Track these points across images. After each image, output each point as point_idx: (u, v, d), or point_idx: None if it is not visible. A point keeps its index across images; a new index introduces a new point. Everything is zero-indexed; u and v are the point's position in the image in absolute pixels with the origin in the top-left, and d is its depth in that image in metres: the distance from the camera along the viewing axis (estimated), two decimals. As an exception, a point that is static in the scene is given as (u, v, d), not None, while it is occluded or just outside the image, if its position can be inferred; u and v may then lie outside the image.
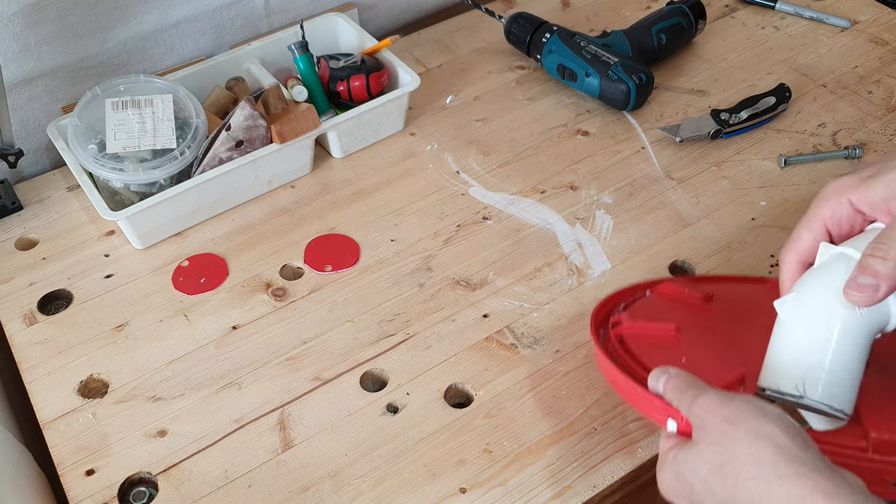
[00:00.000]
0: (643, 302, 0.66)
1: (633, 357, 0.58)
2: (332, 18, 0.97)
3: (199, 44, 0.96)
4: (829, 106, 0.94)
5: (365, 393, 0.69)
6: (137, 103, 0.81)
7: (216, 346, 0.73)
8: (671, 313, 0.63)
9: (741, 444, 0.43)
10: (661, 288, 0.68)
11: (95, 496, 0.63)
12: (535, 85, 0.99)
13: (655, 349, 0.58)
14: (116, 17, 0.88)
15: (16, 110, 0.87)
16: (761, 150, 0.89)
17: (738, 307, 0.65)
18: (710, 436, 0.45)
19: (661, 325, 0.61)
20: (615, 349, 0.60)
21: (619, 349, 0.59)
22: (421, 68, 1.02)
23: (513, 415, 0.67)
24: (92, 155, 0.79)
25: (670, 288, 0.67)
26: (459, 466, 0.64)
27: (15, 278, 0.80)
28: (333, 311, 0.75)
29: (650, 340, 0.59)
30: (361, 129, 0.90)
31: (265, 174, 0.85)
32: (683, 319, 0.62)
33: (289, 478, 0.63)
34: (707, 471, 0.44)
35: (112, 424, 0.67)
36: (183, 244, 0.82)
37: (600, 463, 0.63)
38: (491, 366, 0.70)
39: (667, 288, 0.67)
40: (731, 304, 0.65)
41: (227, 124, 0.80)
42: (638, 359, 0.57)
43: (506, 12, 1.04)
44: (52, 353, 0.73)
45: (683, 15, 0.98)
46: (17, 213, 0.86)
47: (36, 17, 0.82)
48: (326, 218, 0.84)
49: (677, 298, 0.66)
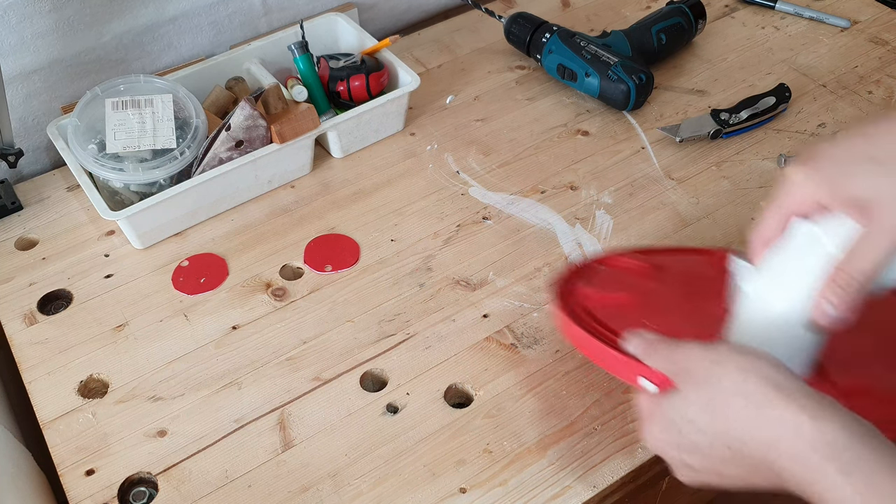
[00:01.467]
0: (601, 275, 0.69)
1: (600, 324, 0.60)
2: (331, 18, 0.97)
3: (197, 41, 0.96)
4: (828, 106, 0.94)
5: (365, 393, 0.69)
6: (137, 103, 0.81)
7: (216, 346, 0.73)
8: (629, 284, 0.66)
9: (728, 378, 0.44)
10: (614, 261, 0.70)
11: (95, 496, 0.63)
12: (535, 85, 0.99)
13: (620, 318, 0.59)
14: (112, 11, 0.88)
15: (14, 107, 0.87)
16: (761, 150, 0.89)
17: (687, 277, 0.67)
18: (695, 378, 0.46)
19: (623, 295, 0.64)
20: (582, 318, 0.61)
21: (586, 318, 0.61)
22: (421, 68, 1.02)
23: (513, 415, 0.67)
24: (92, 155, 0.79)
25: (622, 261, 0.70)
26: (459, 466, 0.64)
27: (15, 278, 0.80)
28: (333, 311, 0.75)
29: (614, 310, 0.61)
30: (361, 129, 0.90)
31: (265, 174, 0.85)
32: (641, 289, 0.65)
33: (289, 478, 0.63)
34: (695, 411, 0.45)
35: (112, 424, 0.67)
36: (183, 244, 0.82)
37: (600, 463, 0.63)
38: (491, 366, 0.70)
39: (619, 261, 0.70)
40: (681, 275, 0.68)
41: (227, 124, 0.80)
42: (605, 325, 0.59)
43: (506, 12, 1.04)
44: (52, 353, 0.73)
45: (683, 15, 0.98)
46: (17, 213, 0.86)
47: (31, 10, 0.83)
48: (326, 218, 0.84)
49: (630, 270, 0.69)
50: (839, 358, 0.52)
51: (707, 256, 0.71)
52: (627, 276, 0.68)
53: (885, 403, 0.51)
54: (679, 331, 0.56)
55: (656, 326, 0.55)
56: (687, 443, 0.46)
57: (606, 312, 0.61)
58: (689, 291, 0.64)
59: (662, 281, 0.67)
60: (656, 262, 0.68)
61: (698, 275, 0.67)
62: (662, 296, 0.64)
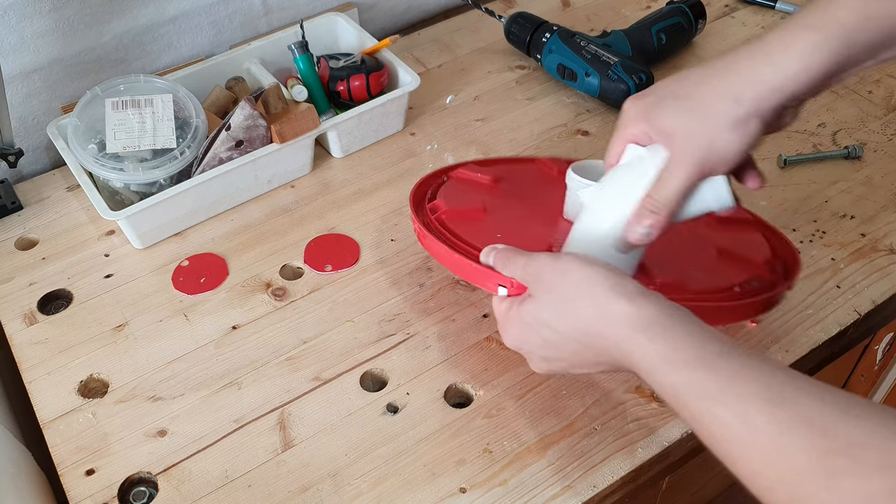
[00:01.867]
0: (447, 187, 0.76)
1: (455, 236, 0.66)
2: (332, 18, 0.97)
3: (197, 41, 0.96)
4: (828, 105, 0.94)
5: (365, 393, 0.69)
6: (137, 103, 0.81)
7: (216, 346, 0.73)
8: (474, 196, 0.73)
9: (573, 285, 0.52)
10: (456, 174, 0.78)
11: (95, 496, 0.63)
12: (535, 85, 0.99)
13: (472, 229, 0.67)
14: (112, 10, 0.88)
15: (14, 107, 0.87)
16: (761, 150, 0.89)
17: (522, 185, 0.76)
18: (546, 285, 0.54)
19: (471, 208, 0.71)
20: (438, 230, 0.68)
21: (442, 230, 0.68)
22: (421, 68, 1.02)
23: (513, 415, 0.67)
24: (92, 155, 0.79)
25: (463, 174, 0.78)
26: (459, 466, 0.64)
27: (15, 278, 0.80)
28: (333, 310, 0.75)
29: (466, 222, 0.69)
30: (361, 129, 0.90)
31: (265, 174, 0.85)
32: (486, 200, 0.72)
33: (289, 478, 0.63)
34: (548, 314, 0.53)
35: (112, 424, 0.67)
36: (183, 244, 0.82)
37: (600, 463, 0.63)
38: (491, 366, 0.70)
39: (460, 174, 0.78)
40: (517, 184, 0.76)
41: (227, 124, 0.80)
42: (460, 237, 0.66)
43: (506, 12, 1.04)
44: (52, 353, 0.73)
45: (683, 15, 0.98)
46: (17, 213, 0.86)
47: (31, 9, 0.83)
48: (326, 218, 0.84)
49: (472, 182, 0.77)
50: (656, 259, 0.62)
51: (539, 166, 0.80)
52: (472, 189, 0.75)
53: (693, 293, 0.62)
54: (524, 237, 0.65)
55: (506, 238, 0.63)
56: (541, 340, 0.54)
57: (459, 225, 0.68)
58: (527, 198, 0.73)
59: (501, 191, 0.75)
60: (494, 173, 0.77)
61: (530, 182, 0.77)
62: (506, 206, 0.72)
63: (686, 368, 0.46)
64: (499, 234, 0.66)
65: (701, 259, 0.66)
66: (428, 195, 0.75)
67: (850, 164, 0.87)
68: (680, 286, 0.61)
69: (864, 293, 0.74)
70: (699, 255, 0.66)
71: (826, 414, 0.40)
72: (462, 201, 0.72)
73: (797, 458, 0.40)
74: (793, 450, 0.40)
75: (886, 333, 0.97)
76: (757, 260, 0.68)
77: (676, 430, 0.65)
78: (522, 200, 0.73)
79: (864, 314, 0.73)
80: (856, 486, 0.38)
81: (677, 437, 0.65)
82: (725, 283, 0.63)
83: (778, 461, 0.41)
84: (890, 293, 0.75)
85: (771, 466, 0.41)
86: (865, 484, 0.37)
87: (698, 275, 0.64)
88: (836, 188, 0.84)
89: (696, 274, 0.65)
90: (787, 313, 0.73)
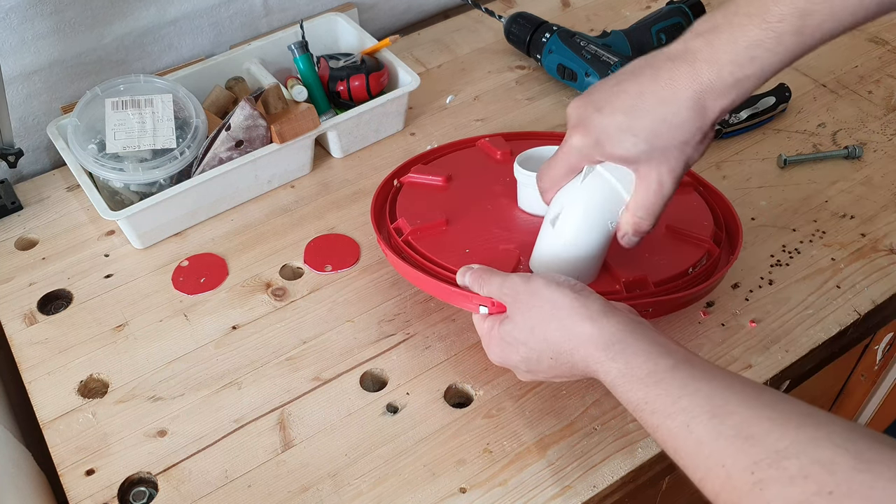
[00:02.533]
0: (404, 197, 0.76)
1: (424, 257, 0.68)
2: (331, 18, 0.97)
3: (197, 42, 0.96)
4: (828, 106, 0.94)
5: (365, 393, 0.69)
6: (137, 103, 0.81)
7: (216, 346, 0.73)
8: (431, 205, 0.74)
9: (543, 307, 0.56)
10: (406, 179, 0.78)
11: (95, 496, 0.63)
12: (535, 85, 0.99)
13: (440, 246, 0.69)
14: (114, 13, 0.88)
15: (14, 107, 0.87)
16: (761, 150, 0.89)
17: (473, 180, 0.77)
18: (520, 307, 0.57)
19: (433, 224, 0.71)
20: (406, 252, 0.70)
21: (409, 251, 0.69)
22: (421, 68, 1.02)
23: (513, 415, 0.67)
24: (92, 155, 0.79)
25: (413, 178, 0.78)
26: (459, 466, 0.64)
27: (15, 278, 0.80)
28: (333, 311, 0.75)
29: (431, 238, 0.70)
30: (361, 129, 0.90)
31: (265, 174, 0.85)
32: (444, 209, 0.73)
33: (289, 478, 0.63)
34: (524, 335, 0.57)
35: (112, 424, 0.67)
36: (183, 244, 0.82)
37: (600, 463, 0.63)
38: (491, 366, 0.70)
39: (411, 179, 0.78)
40: (467, 179, 0.77)
41: (226, 124, 0.80)
42: (429, 257, 0.68)
43: (506, 12, 1.04)
44: (52, 353, 0.73)
45: (683, 15, 0.98)
46: (17, 213, 0.86)
47: (33, 12, 0.83)
48: (326, 218, 0.84)
49: (425, 187, 0.77)
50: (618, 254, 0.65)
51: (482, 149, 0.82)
52: (428, 196, 0.76)
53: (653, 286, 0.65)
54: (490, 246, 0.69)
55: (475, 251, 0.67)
56: (520, 357, 0.58)
57: (426, 243, 0.69)
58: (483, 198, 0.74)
59: (455, 192, 0.76)
60: (445, 171, 0.78)
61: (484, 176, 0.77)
62: (465, 213, 0.73)
63: (641, 386, 0.50)
64: (467, 250, 0.68)
65: (654, 243, 0.69)
66: (387, 209, 0.76)
67: (850, 164, 0.87)
68: (641, 281, 0.65)
69: (864, 293, 0.74)
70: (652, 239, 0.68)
71: (760, 423, 0.43)
72: (423, 215, 0.72)
73: (731, 468, 0.43)
74: (727, 459, 0.43)
75: (886, 333, 0.97)
76: (703, 234, 0.71)
77: (676, 430, 0.65)
78: (478, 198, 0.74)
79: (864, 314, 0.73)
80: (780, 493, 0.40)
81: (677, 437, 0.65)
82: (681, 267, 0.67)
83: (717, 470, 0.44)
84: (890, 293, 0.75)
85: (713, 475, 0.44)
86: (789, 491, 0.40)
87: (656, 262, 0.68)
88: (836, 188, 0.84)
89: (654, 261, 0.68)
90: (788, 313, 0.73)
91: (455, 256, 0.67)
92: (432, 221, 0.71)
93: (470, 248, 0.69)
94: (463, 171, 0.78)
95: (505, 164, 0.78)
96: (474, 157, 0.81)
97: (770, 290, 0.75)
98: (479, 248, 0.69)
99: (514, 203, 0.73)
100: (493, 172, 0.78)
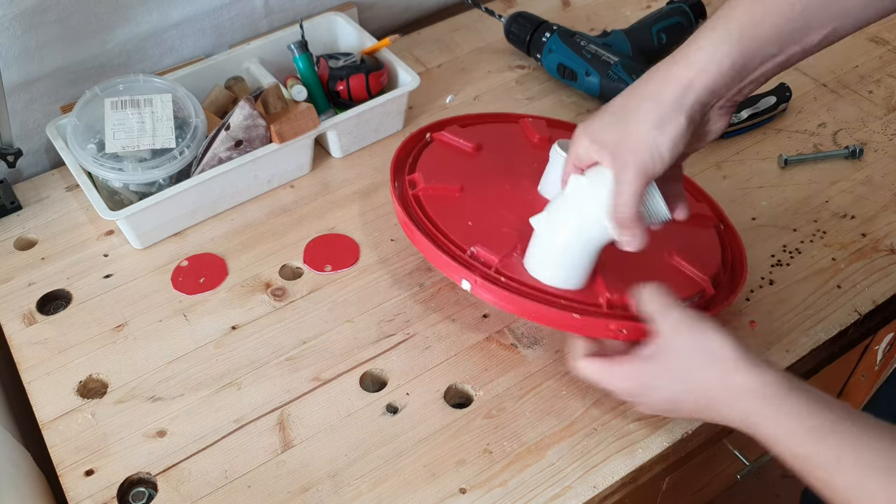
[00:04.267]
0: (429, 153, 0.76)
1: (429, 218, 0.68)
2: (331, 18, 0.97)
3: (198, 44, 0.96)
4: (829, 105, 0.94)
5: (365, 393, 0.69)
6: (137, 103, 0.81)
7: (216, 346, 0.73)
8: (453, 168, 0.74)
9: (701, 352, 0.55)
10: (439, 136, 0.79)
11: (95, 496, 0.63)
12: (535, 84, 0.99)
13: (446, 210, 0.69)
14: (117, 19, 0.88)
15: (16, 112, 0.87)
16: (762, 150, 0.89)
17: (502, 155, 0.77)
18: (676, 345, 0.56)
19: (447, 187, 0.71)
20: (413, 209, 0.70)
21: (417, 209, 0.70)
22: (421, 68, 1.02)
23: (513, 415, 0.67)
24: (91, 155, 0.79)
25: (446, 137, 0.78)
26: (459, 467, 0.63)
27: (14, 278, 0.80)
28: (333, 311, 0.75)
29: (440, 202, 0.70)
30: (361, 129, 0.89)
31: (265, 174, 0.85)
32: (463, 176, 0.73)
33: (288, 478, 0.63)
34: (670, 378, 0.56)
35: (111, 424, 0.67)
36: (182, 244, 0.82)
37: (600, 463, 0.63)
38: (491, 366, 0.70)
39: (443, 137, 0.78)
40: (498, 153, 0.77)
41: (226, 124, 0.80)
42: (433, 220, 0.68)
43: (506, 12, 1.04)
44: (52, 353, 0.73)
45: (683, 14, 0.98)
46: (17, 213, 0.86)
47: (37, 20, 0.82)
48: (326, 218, 0.84)
49: (453, 148, 0.77)
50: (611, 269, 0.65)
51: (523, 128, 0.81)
52: (453, 158, 0.76)
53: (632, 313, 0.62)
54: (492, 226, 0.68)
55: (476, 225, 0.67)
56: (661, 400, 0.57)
57: (433, 204, 0.70)
58: (506, 175, 0.74)
59: (482, 161, 0.76)
60: (478, 139, 0.77)
61: (515, 154, 0.77)
62: (482, 184, 0.72)
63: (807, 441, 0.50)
64: (470, 223, 0.68)
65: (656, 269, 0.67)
66: (409, 160, 0.76)
67: (851, 164, 0.87)
68: (621, 305, 0.63)
69: (864, 293, 0.74)
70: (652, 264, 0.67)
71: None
72: (441, 176, 0.72)
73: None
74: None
75: (887, 333, 0.97)
76: (705, 272, 0.68)
77: (677, 430, 0.65)
78: (500, 174, 0.74)
79: (864, 314, 0.73)
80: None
81: (677, 438, 0.65)
82: None
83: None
84: (890, 293, 0.74)
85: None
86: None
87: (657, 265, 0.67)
88: (836, 188, 0.84)
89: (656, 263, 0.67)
90: (788, 313, 0.73)
91: (457, 225, 0.67)
92: (448, 185, 0.71)
93: (473, 221, 0.68)
94: (496, 144, 0.78)
95: (539, 149, 0.77)
96: (512, 134, 0.81)
97: (770, 291, 0.75)
98: (481, 224, 0.68)
99: (533, 189, 0.72)
100: (525, 154, 0.77)
